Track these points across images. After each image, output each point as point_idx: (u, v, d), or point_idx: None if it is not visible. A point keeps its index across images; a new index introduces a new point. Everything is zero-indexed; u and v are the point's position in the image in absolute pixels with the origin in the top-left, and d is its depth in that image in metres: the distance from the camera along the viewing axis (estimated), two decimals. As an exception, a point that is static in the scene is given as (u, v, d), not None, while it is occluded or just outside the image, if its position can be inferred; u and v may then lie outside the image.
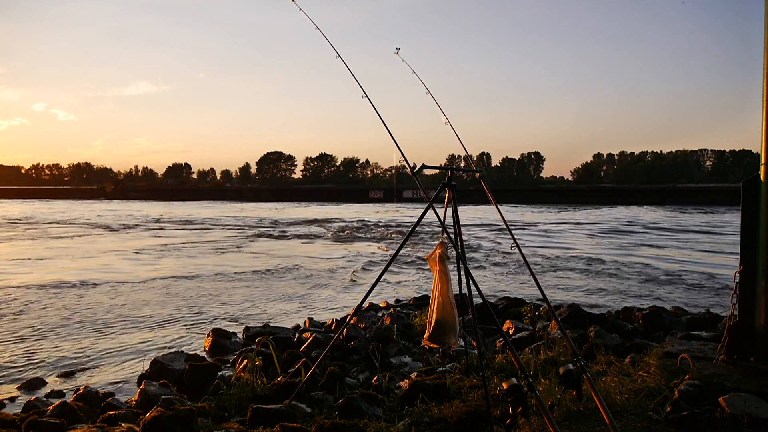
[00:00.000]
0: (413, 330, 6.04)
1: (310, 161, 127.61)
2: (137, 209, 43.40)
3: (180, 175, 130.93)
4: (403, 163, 3.32)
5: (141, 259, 13.90)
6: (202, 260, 13.80)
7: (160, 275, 11.19)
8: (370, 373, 4.68)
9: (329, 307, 8.57)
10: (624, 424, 3.15)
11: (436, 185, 3.41)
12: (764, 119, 3.79)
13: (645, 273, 11.85)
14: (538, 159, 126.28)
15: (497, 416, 3.25)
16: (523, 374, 2.71)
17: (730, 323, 3.92)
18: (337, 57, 3.74)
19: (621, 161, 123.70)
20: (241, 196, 70.97)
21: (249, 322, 7.26)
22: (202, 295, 9.31)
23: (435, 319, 3.28)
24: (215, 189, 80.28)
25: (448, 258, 3.28)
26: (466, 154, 4.06)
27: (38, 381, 5.02)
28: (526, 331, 5.81)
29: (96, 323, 7.26)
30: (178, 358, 5.06)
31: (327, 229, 24.59)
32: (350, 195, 68.94)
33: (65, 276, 10.90)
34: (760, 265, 3.79)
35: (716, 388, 3.42)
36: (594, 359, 4.50)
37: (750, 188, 3.91)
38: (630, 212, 40.68)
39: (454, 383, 3.97)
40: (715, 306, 8.38)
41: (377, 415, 3.60)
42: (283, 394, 3.88)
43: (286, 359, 4.92)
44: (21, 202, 57.20)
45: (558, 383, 3.40)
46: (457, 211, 3.37)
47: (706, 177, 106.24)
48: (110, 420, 3.63)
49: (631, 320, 6.60)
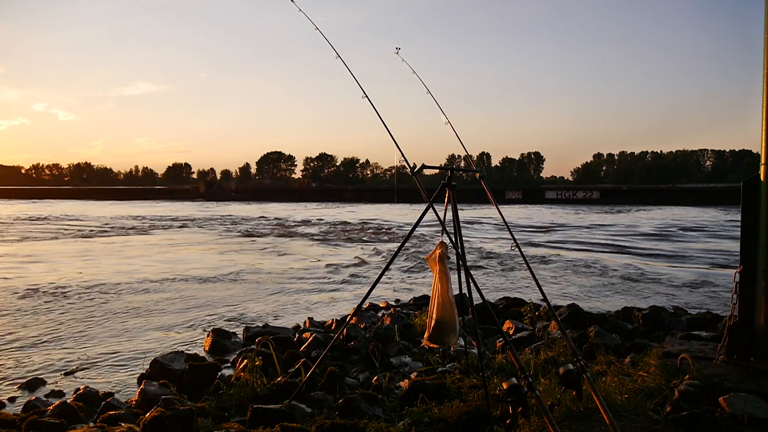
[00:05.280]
0: (413, 330, 6.03)
1: (310, 161, 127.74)
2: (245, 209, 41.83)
3: (181, 176, 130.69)
4: (403, 163, 3.32)
5: (145, 261, 13.90)
6: (207, 260, 13.81)
7: (160, 276, 11.19)
8: (370, 373, 4.68)
9: (329, 307, 8.56)
10: (624, 424, 3.15)
11: (436, 185, 3.41)
12: (764, 119, 3.79)
13: (645, 273, 11.85)
14: (538, 159, 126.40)
15: (497, 416, 3.25)
16: (523, 374, 2.71)
17: (730, 323, 3.92)
18: (337, 57, 3.74)
19: (621, 161, 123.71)
20: (341, 196, 65.74)
21: (249, 322, 7.26)
22: (202, 295, 9.31)
23: (435, 319, 3.28)
24: (304, 189, 74.99)
25: (448, 258, 3.28)
26: (466, 154, 4.05)
27: (38, 381, 5.02)
28: (526, 331, 5.81)
29: (96, 323, 7.26)
30: (178, 358, 5.06)
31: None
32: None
33: (100, 276, 10.91)
34: (760, 265, 3.79)
35: (716, 388, 3.42)
36: (594, 359, 4.50)
37: (750, 188, 3.91)
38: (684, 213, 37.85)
39: (454, 383, 3.97)
40: (715, 306, 8.38)
41: (377, 415, 3.60)
42: (283, 394, 3.88)
43: (286, 359, 4.92)
44: (129, 204, 53.19)
45: (558, 383, 3.40)
46: (457, 211, 3.37)
47: (706, 177, 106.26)
48: (110, 420, 3.63)
49: (631, 320, 6.60)
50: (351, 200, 60.61)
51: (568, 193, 58.49)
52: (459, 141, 4.03)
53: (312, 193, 69.46)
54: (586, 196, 56.74)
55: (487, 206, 37.87)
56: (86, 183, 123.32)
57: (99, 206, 46.05)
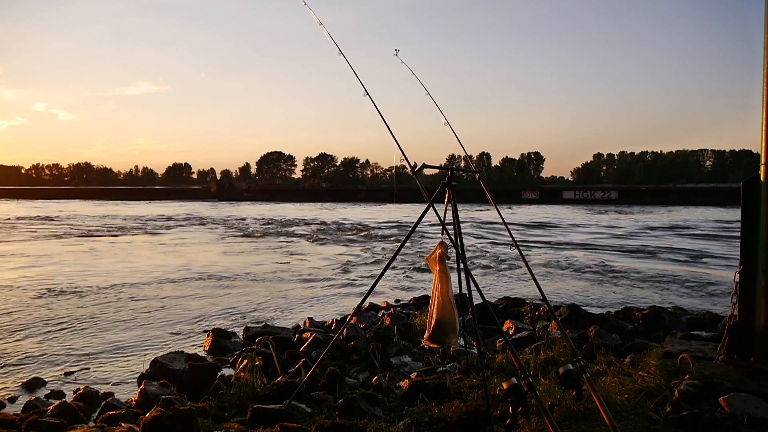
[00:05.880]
0: (413, 330, 6.03)
1: (310, 161, 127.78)
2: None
3: (181, 176, 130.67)
4: (403, 163, 3.32)
5: (147, 261, 13.91)
6: (209, 259, 13.81)
7: (161, 275, 11.19)
8: (370, 373, 4.68)
9: (329, 307, 8.56)
10: (624, 424, 3.15)
11: (436, 185, 3.41)
12: (764, 119, 3.79)
13: (645, 273, 11.85)
14: (538, 159, 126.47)
15: (497, 416, 3.25)
16: (523, 374, 2.70)
17: (730, 323, 3.92)
18: (339, 54, 3.73)
19: (621, 161, 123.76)
20: (355, 196, 64.57)
21: (249, 322, 7.26)
22: (202, 294, 9.31)
23: (435, 319, 3.28)
24: (315, 189, 72.62)
25: (448, 258, 3.28)
26: (466, 154, 4.05)
27: (38, 381, 5.02)
28: (526, 331, 5.81)
29: (96, 323, 7.26)
30: (178, 358, 5.06)
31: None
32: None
33: (94, 275, 10.91)
34: (760, 265, 3.79)
35: (716, 388, 3.42)
36: (594, 359, 4.50)
37: (750, 188, 3.91)
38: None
39: (454, 383, 3.97)
40: (715, 306, 8.38)
41: (377, 415, 3.60)
42: (283, 394, 3.88)
43: (286, 359, 4.92)
44: (146, 204, 52.88)
45: (558, 383, 3.40)
46: (457, 211, 3.37)
47: (706, 177, 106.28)
48: (110, 420, 3.63)
49: (631, 320, 6.60)
50: (365, 200, 60.15)
51: (585, 194, 57.29)
52: (459, 142, 4.04)
53: (324, 193, 68.52)
54: (604, 196, 55.71)
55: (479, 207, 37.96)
56: (86, 183, 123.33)
57: (104, 207, 45.91)
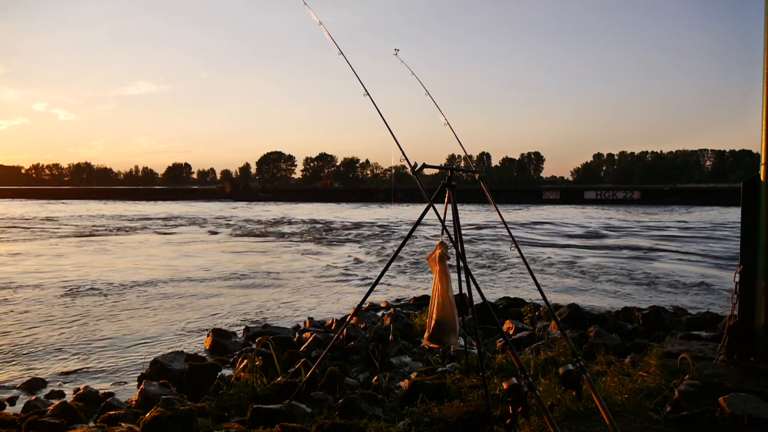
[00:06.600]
0: (413, 330, 6.04)
1: (310, 161, 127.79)
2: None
3: (181, 176, 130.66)
4: (403, 163, 3.32)
5: (149, 261, 13.90)
6: (210, 260, 13.81)
7: (162, 275, 11.19)
8: (370, 373, 4.68)
9: (329, 307, 8.56)
10: (624, 424, 3.15)
11: (436, 185, 3.41)
12: (764, 119, 3.79)
13: (646, 273, 11.85)
14: (538, 159, 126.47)
15: (497, 416, 3.25)
16: (523, 374, 2.70)
17: (730, 323, 3.92)
18: (339, 54, 3.74)
19: (621, 161, 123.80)
20: (372, 196, 63.54)
21: (249, 323, 7.26)
22: (202, 294, 9.31)
23: (435, 319, 3.28)
24: (329, 189, 71.97)
25: (448, 258, 3.28)
26: (466, 154, 4.06)
27: (38, 381, 5.01)
28: (526, 331, 5.81)
29: (96, 323, 7.26)
30: (178, 358, 5.06)
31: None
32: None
33: (95, 275, 10.91)
34: (760, 265, 3.79)
35: (716, 388, 3.42)
36: (594, 359, 4.50)
37: (750, 188, 3.91)
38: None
39: (454, 383, 3.97)
40: (715, 306, 8.38)
41: (377, 415, 3.60)
42: (283, 394, 3.88)
43: (286, 359, 4.92)
44: (162, 203, 52.68)
45: (558, 383, 3.40)
46: (457, 211, 3.37)
47: (706, 177, 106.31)
48: (110, 420, 3.63)
49: (631, 320, 6.60)
50: (383, 200, 59.10)
51: (607, 194, 56.88)
52: (458, 142, 4.04)
53: (339, 193, 68.11)
54: (626, 197, 55.43)
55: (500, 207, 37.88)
56: (86, 183, 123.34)
57: (111, 206, 45.91)
